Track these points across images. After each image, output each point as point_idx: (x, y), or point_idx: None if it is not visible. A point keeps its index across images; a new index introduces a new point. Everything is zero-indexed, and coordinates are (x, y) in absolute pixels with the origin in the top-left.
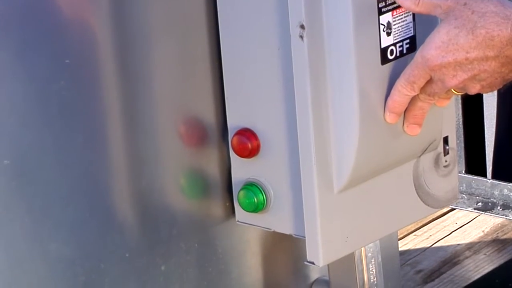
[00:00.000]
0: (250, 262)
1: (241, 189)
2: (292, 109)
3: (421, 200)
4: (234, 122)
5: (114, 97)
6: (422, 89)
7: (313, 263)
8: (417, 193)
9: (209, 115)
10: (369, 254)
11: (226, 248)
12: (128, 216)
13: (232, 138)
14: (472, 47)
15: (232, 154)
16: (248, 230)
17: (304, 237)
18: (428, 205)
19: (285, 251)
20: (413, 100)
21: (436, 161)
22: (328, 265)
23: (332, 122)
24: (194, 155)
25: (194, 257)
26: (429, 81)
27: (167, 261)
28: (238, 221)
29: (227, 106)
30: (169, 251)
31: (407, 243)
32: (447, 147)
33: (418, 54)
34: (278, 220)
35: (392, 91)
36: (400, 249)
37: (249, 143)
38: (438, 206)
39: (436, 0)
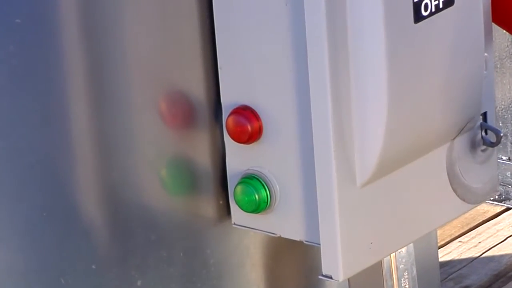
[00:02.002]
0: (250, 276)
1: (239, 183)
2: (304, 81)
3: (456, 193)
4: (229, 97)
5: (77, 66)
6: None
7: (330, 277)
8: (451, 185)
9: (197, 89)
10: (401, 266)
11: (220, 258)
12: (94, 217)
13: (227, 119)
14: None
15: (227, 138)
16: (247, 236)
17: (319, 244)
18: (463, 200)
19: (293, 262)
20: None
21: (473, 144)
22: (349, 279)
23: (354, 96)
24: (179, 139)
25: (179, 269)
26: None
27: (145, 275)
28: (234, 223)
29: (221, 77)
30: (147, 262)
31: (450, 252)
32: (486, 126)
33: None
34: (285, 222)
35: None
36: (440, 259)
37: (248, 125)
38: (475, 201)
39: None
